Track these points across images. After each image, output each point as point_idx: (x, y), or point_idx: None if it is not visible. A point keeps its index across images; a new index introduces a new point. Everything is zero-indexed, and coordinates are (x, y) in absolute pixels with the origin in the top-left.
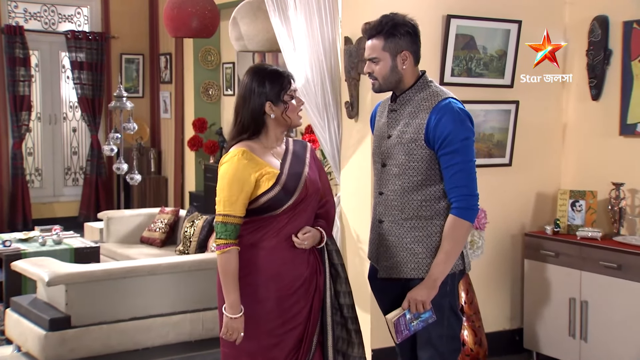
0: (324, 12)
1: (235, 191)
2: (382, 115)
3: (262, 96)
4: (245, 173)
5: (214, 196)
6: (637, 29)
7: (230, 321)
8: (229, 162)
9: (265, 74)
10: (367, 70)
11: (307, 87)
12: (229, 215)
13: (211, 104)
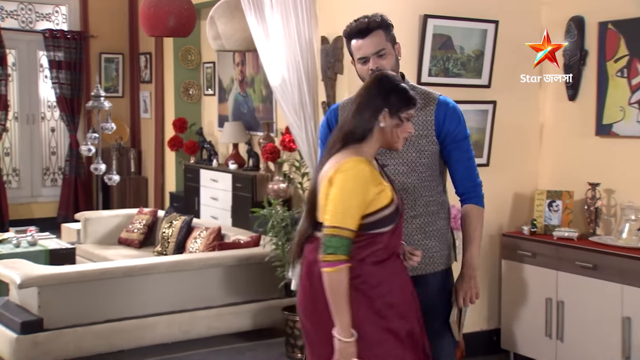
0: (301, 12)
1: (355, 203)
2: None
3: (384, 102)
4: (367, 185)
5: (194, 196)
6: (612, 29)
7: (344, 346)
8: (352, 171)
9: (395, 85)
10: (374, 66)
11: (284, 87)
12: (345, 228)
13: (192, 104)
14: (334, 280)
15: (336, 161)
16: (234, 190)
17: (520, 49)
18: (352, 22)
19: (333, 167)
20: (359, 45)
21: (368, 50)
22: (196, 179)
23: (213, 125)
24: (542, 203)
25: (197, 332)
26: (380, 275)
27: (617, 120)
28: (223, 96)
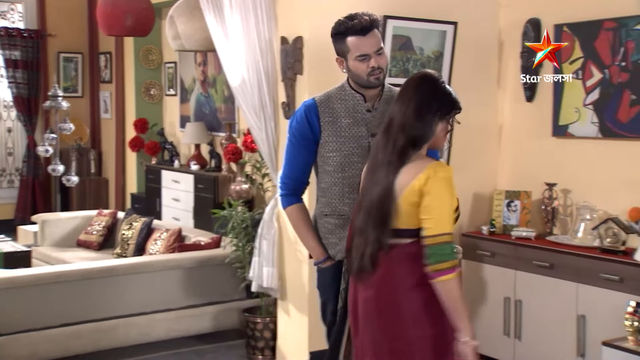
0: (260, 12)
1: (452, 209)
2: (348, 115)
3: (439, 106)
4: (454, 190)
5: (155, 197)
6: (567, 32)
7: (472, 350)
8: (447, 178)
9: (444, 88)
10: (376, 64)
11: (244, 88)
12: (450, 234)
13: (153, 104)
14: (451, 287)
15: (416, 170)
16: (195, 191)
17: (479, 50)
18: (344, 19)
19: (417, 176)
20: (359, 43)
21: (370, 48)
22: (157, 180)
23: (175, 126)
24: (501, 203)
25: (156, 335)
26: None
27: (572, 121)
28: (185, 96)
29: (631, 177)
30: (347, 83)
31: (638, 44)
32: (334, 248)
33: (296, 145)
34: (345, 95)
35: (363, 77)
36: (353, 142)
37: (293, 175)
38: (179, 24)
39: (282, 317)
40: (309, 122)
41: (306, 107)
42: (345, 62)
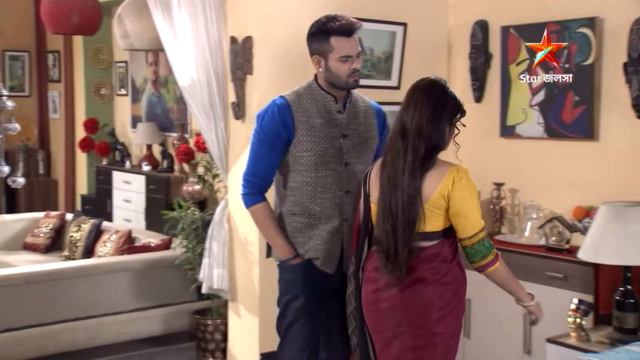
0: (209, 11)
1: (479, 206)
2: (319, 116)
3: (449, 112)
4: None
5: (106, 199)
6: (513, 34)
7: (536, 306)
8: (469, 177)
9: (451, 94)
10: (357, 66)
11: (193, 88)
12: (484, 228)
13: (103, 104)
14: (502, 271)
15: (439, 176)
16: (147, 192)
17: (429, 51)
18: (327, 19)
19: (442, 181)
20: (343, 44)
21: (353, 50)
22: (108, 181)
23: (126, 126)
24: None
25: (105, 339)
26: (460, 272)
27: (519, 122)
28: (136, 96)
29: (575, 177)
30: (315, 83)
31: (580, 47)
32: (302, 247)
33: (266, 144)
34: (315, 95)
35: (343, 78)
36: (327, 142)
37: (260, 173)
38: (128, 23)
39: (232, 319)
40: (283, 121)
41: (279, 107)
42: (325, 62)
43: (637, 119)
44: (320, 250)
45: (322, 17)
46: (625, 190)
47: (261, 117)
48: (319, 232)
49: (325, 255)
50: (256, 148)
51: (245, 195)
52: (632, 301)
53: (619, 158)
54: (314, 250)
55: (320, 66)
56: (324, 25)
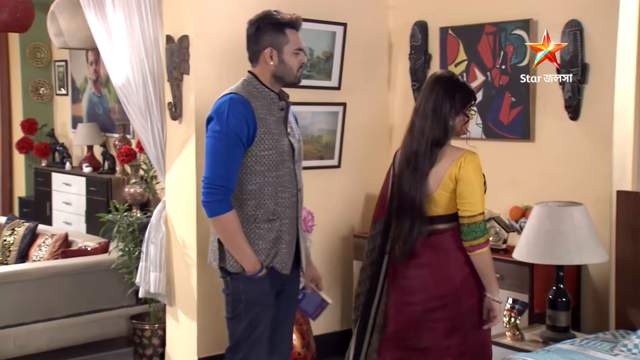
0: (144, 9)
1: (483, 189)
2: (270, 113)
3: (451, 103)
4: (481, 174)
5: (45, 201)
6: (452, 35)
7: (500, 306)
8: (477, 162)
9: (457, 84)
10: (305, 60)
11: (128, 88)
12: (483, 213)
13: (42, 104)
14: (486, 257)
15: (449, 160)
16: (88, 194)
17: (370, 52)
18: (273, 11)
19: (451, 165)
20: (297, 37)
21: (299, 44)
22: (47, 183)
23: (66, 127)
24: None
25: (36, 347)
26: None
27: None
28: (76, 96)
29: (512, 177)
30: (255, 80)
31: (516, 48)
32: (268, 255)
33: (232, 145)
34: (261, 92)
35: (294, 71)
36: (281, 139)
37: (230, 176)
38: (61, 20)
39: (170, 324)
40: (247, 118)
41: (240, 102)
42: (279, 55)
43: (571, 120)
44: (285, 254)
45: (265, 11)
46: (560, 190)
47: (223, 114)
48: (281, 235)
49: (288, 258)
50: (221, 150)
51: (214, 202)
52: (564, 300)
53: (554, 159)
54: (281, 256)
55: (272, 60)
56: (279, 17)
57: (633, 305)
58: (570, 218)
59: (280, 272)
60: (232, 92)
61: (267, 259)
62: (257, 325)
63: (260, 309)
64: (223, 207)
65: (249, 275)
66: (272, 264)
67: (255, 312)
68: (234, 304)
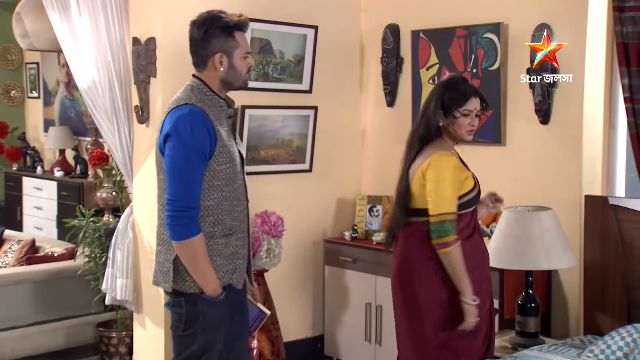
0: (110, 11)
1: (455, 190)
2: (221, 123)
3: (438, 104)
4: (460, 173)
5: (16, 206)
6: (423, 38)
7: (474, 308)
8: (446, 162)
9: (447, 85)
10: (252, 63)
11: (94, 91)
12: (449, 213)
13: (13, 107)
14: (452, 257)
15: (424, 157)
16: (59, 199)
17: (342, 55)
18: (220, 13)
19: (423, 162)
20: (245, 40)
21: (249, 46)
22: (18, 187)
23: (38, 130)
24: (363, 208)
25: None
26: (469, 249)
27: None
28: (48, 99)
29: (484, 181)
30: (204, 86)
31: (487, 52)
32: (222, 270)
33: (196, 162)
34: (209, 101)
35: (243, 76)
36: (234, 150)
37: (196, 196)
38: (27, 22)
39: (137, 331)
40: (209, 132)
41: (201, 115)
42: (229, 60)
43: (541, 124)
44: (242, 269)
45: (208, 13)
46: (531, 194)
47: (186, 130)
48: (238, 250)
49: (243, 272)
50: (188, 169)
51: (180, 227)
52: (533, 305)
53: (525, 163)
54: (239, 272)
55: (221, 65)
56: (228, 20)
57: (601, 310)
58: (538, 223)
59: (236, 288)
60: (188, 103)
61: (225, 275)
62: (211, 347)
63: (217, 331)
64: (190, 230)
65: (208, 297)
66: (231, 280)
67: (212, 334)
68: (189, 323)
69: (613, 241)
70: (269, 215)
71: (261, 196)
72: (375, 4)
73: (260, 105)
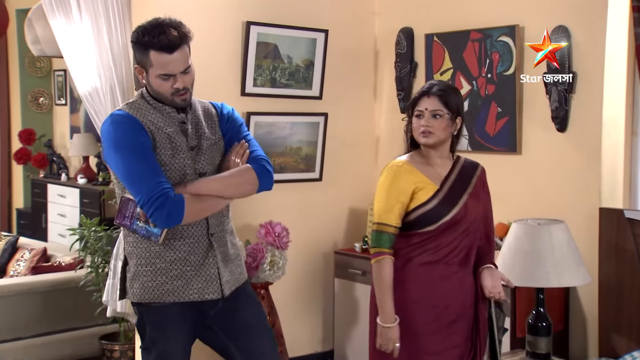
0: (112, 15)
1: (392, 200)
2: (165, 127)
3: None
4: (402, 183)
5: (41, 213)
6: (437, 42)
7: (384, 330)
8: (387, 171)
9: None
10: (181, 85)
11: (95, 97)
12: (383, 224)
13: (42, 114)
14: (377, 271)
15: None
16: (81, 206)
17: (355, 59)
18: (149, 27)
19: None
20: (163, 61)
21: (176, 67)
22: (43, 195)
23: (65, 137)
24: None
25: None
26: (424, 276)
27: None
28: (75, 106)
29: (499, 192)
30: (147, 93)
31: (502, 55)
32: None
33: (134, 152)
34: (148, 105)
35: (167, 96)
36: (177, 154)
37: (156, 178)
38: (38, 28)
39: (139, 344)
40: (138, 127)
41: (123, 117)
42: (146, 75)
43: (558, 131)
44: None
45: (148, 22)
46: (547, 205)
47: (109, 132)
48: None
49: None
50: (129, 163)
51: (167, 213)
52: (544, 324)
53: (541, 172)
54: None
55: (142, 77)
56: (143, 37)
57: (616, 331)
58: (549, 237)
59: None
60: (112, 113)
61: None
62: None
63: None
64: (176, 209)
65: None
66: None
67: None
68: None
69: (629, 257)
70: (273, 225)
71: (268, 206)
72: (389, 7)
73: (266, 112)
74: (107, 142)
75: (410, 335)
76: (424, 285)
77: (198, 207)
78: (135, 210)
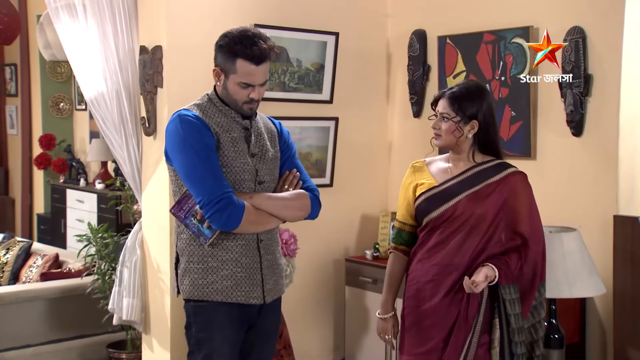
0: (119, 19)
1: (402, 197)
2: (230, 130)
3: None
4: (408, 182)
5: (60, 218)
6: (450, 44)
7: (379, 321)
8: (406, 176)
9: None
10: (258, 97)
11: (101, 101)
12: (397, 220)
13: (62, 119)
14: (388, 263)
15: None
16: (99, 212)
17: (366, 63)
18: (240, 36)
19: None
20: (250, 71)
21: (258, 79)
22: (62, 200)
23: (85, 142)
24: (387, 225)
25: None
26: (415, 273)
27: None
28: None
29: None
30: (215, 96)
31: (516, 58)
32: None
33: (201, 155)
34: (214, 108)
35: (239, 103)
36: (239, 158)
37: (220, 184)
38: (49, 32)
39: (146, 353)
40: (205, 129)
41: (190, 117)
42: (225, 79)
43: (573, 136)
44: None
45: (238, 30)
46: (562, 212)
47: (177, 133)
48: (237, 257)
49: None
50: (194, 165)
51: (226, 219)
52: (557, 336)
53: (556, 178)
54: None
55: (219, 80)
56: (235, 45)
57: (631, 344)
58: (560, 245)
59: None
60: (177, 111)
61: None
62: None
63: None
64: (235, 213)
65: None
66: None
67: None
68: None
69: None
70: (281, 232)
71: None
72: (401, 9)
73: (275, 116)
74: (173, 141)
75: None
76: (412, 282)
77: (254, 219)
78: (194, 208)
